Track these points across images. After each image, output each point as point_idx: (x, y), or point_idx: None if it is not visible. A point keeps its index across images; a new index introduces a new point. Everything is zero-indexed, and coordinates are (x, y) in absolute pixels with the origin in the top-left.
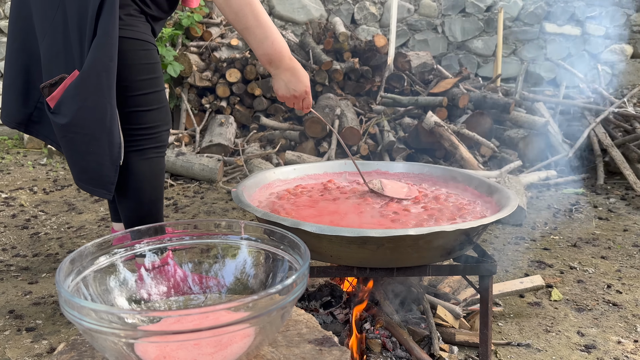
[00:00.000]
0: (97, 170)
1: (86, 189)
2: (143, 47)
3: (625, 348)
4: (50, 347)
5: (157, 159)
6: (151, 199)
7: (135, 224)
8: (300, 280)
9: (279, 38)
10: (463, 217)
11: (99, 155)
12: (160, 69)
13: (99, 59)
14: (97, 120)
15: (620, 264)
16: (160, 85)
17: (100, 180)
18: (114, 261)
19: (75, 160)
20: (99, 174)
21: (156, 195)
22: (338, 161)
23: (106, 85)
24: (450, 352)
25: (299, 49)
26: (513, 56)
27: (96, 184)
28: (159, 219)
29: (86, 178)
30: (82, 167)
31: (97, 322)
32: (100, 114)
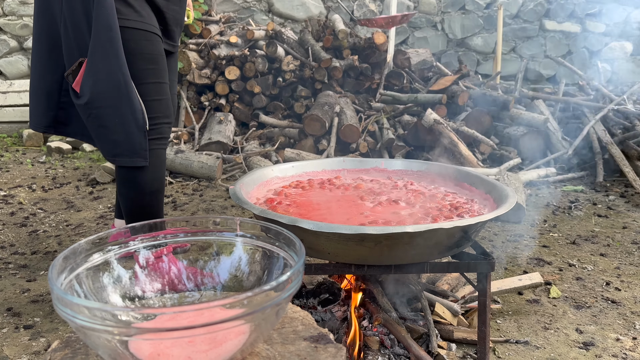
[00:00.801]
0: (128, 140)
1: (123, 162)
2: (146, 37)
3: (624, 345)
4: (47, 344)
5: (158, 151)
6: (151, 190)
7: (135, 214)
8: (295, 277)
9: None
10: (461, 215)
11: (125, 124)
12: (164, 61)
13: (98, 31)
14: (112, 89)
15: (619, 261)
16: (161, 77)
17: (134, 149)
18: (107, 258)
19: (105, 136)
20: (131, 144)
21: (156, 186)
22: (336, 158)
23: (112, 54)
24: (448, 349)
25: (298, 46)
26: (513, 53)
27: (130, 153)
28: (159, 211)
29: (120, 151)
30: (113, 142)
31: (90, 320)
32: (113, 82)
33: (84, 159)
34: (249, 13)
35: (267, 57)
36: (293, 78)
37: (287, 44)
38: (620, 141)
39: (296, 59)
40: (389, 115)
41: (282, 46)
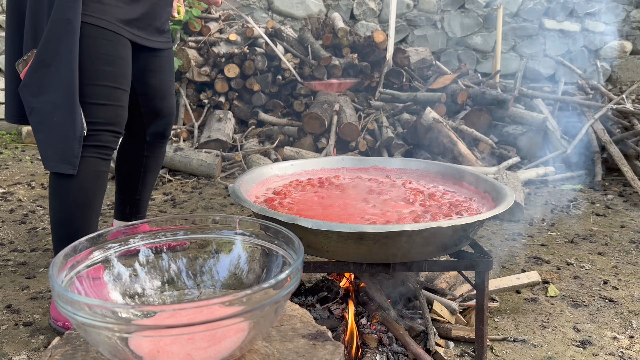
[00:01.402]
0: (62, 143)
1: (49, 166)
2: (107, 37)
3: (621, 344)
4: (47, 341)
5: (93, 160)
6: (77, 202)
7: (55, 228)
8: (293, 275)
9: None
10: (459, 213)
11: (63, 125)
12: (124, 65)
13: (56, 21)
14: (60, 86)
15: (617, 260)
16: (116, 82)
17: (64, 155)
18: (108, 256)
19: (43, 135)
20: (63, 147)
21: (83, 199)
22: (336, 157)
23: (65, 49)
24: (446, 347)
25: (298, 44)
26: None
27: (60, 158)
28: (84, 229)
29: (50, 154)
30: (48, 142)
31: (91, 317)
32: (62, 79)
33: None
34: (249, 11)
35: (266, 55)
36: (292, 76)
37: (286, 41)
38: (618, 140)
39: (296, 56)
40: (388, 114)
41: (282, 44)
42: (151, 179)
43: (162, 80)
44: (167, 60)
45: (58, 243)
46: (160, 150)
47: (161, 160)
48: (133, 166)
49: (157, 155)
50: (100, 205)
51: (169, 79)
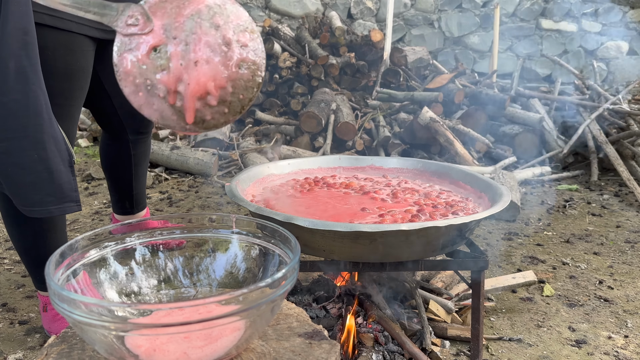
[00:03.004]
0: (52, 181)
1: (48, 212)
2: (67, 43)
3: (616, 343)
4: (42, 340)
5: None
6: (36, 230)
7: (22, 255)
8: (290, 274)
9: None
10: (456, 213)
11: (47, 160)
12: (82, 78)
13: (9, 35)
14: (33, 115)
15: (613, 259)
16: (70, 98)
17: (61, 192)
18: (104, 254)
19: (20, 178)
20: (57, 185)
21: (44, 226)
22: (332, 156)
23: (29, 67)
24: (442, 346)
25: (295, 43)
26: (509, 52)
27: (57, 199)
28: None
29: (41, 197)
30: (32, 185)
31: (87, 315)
32: (34, 106)
33: (79, 154)
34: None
35: None
36: (289, 75)
37: (283, 40)
38: (614, 140)
39: (293, 55)
40: (385, 113)
41: (279, 43)
42: (143, 170)
43: None
44: None
45: (29, 267)
46: (145, 143)
47: (148, 150)
48: (122, 166)
49: (144, 149)
50: (64, 223)
51: None
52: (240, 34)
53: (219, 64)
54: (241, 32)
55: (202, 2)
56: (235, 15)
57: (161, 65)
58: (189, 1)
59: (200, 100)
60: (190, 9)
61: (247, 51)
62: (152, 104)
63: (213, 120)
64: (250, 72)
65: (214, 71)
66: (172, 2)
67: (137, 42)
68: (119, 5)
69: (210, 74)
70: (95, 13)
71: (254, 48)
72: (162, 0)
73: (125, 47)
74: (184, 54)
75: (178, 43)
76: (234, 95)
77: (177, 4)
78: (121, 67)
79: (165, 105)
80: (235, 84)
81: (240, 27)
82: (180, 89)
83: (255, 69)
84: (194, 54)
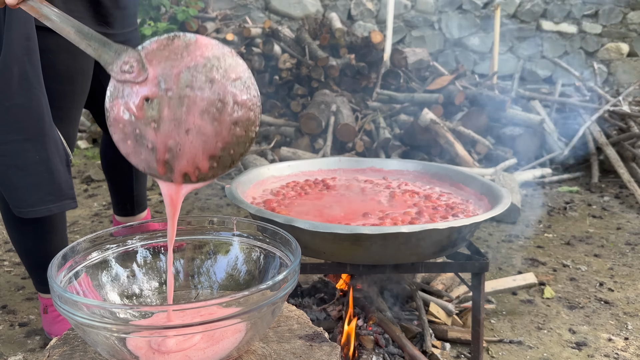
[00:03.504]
0: (52, 181)
1: (46, 210)
2: (68, 47)
3: (616, 345)
4: (43, 342)
5: None
6: (37, 233)
7: (23, 258)
8: (291, 277)
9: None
10: (456, 215)
11: (47, 161)
12: (83, 81)
13: (12, 41)
14: (35, 119)
15: (613, 262)
16: (72, 101)
17: (60, 191)
18: (106, 257)
19: (21, 179)
20: (57, 184)
21: (46, 227)
22: (332, 158)
23: (31, 72)
24: (442, 348)
25: (295, 44)
26: (509, 53)
27: (56, 197)
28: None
29: (41, 196)
30: (33, 185)
31: (90, 317)
32: (36, 109)
33: (79, 156)
34: (246, 10)
35: (263, 55)
36: (289, 76)
37: (283, 41)
38: (615, 142)
39: (293, 57)
40: (386, 115)
41: (279, 44)
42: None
43: None
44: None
45: (30, 269)
46: None
47: None
48: (122, 168)
49: None
50: (65, 225)
51: None
52: (236, 90)
53: (212, 132)
54: (238, 88)
55: (201, 54)
56: (233, 69)
57: (152, 117)
58: (188, 52)
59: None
60: (188, 61)
61: (243, 109)
62: (140, 153)
63: (201, 176)
64: (244, 128)
65: (206, 142)
66: (170, 51)
67: (130, 90)
68: (117, 46)
69: (202, 146)
70: (95, 49)
71: (250, 104)
72: (160, 47)
73: (117, 93)
74: (177, 111)
75: (171, 97)
76: (224, 151)
77: (175, 53)
78: (112, 113)
79: (153, 156)
80: (228, 144)
81: (237, 82)
82: (169, 157)
83: (249, 124)
84: (186, 117)
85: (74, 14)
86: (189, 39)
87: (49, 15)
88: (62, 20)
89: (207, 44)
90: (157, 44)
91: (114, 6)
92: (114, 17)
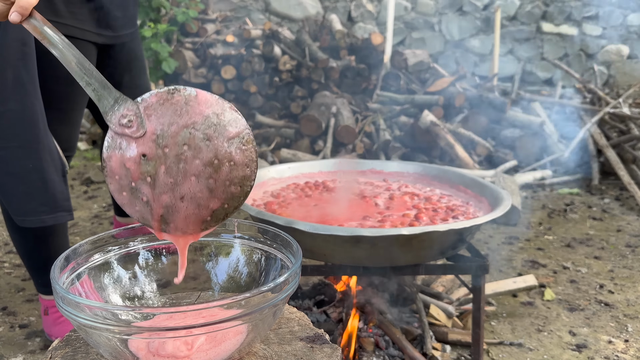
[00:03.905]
0: (46, 190)
1: (40, 221)
2: None
3: (616, 347)
4: (43, 344)
5: None
6: (38, 234)
7: (24, 259)
8: (292, 279)
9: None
10: (456, 217)
11: (41, 170)
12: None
13: (7, 46)
14: (29, 125)
15: (613, 264)
16: (72, 102)
17: (54, 202)
18: (108, 259)
19: (14, 187)
20: (51, 194)
21: (46, 229)
22: (333, 160)
23: (26, 77)
24: (442, 350)
25: (295, 46)
26: (510, 55)
27: (50, 208)
28: (55, 255)
29: (34, 206)
30: (25, 194)
31: (92, 318)
32: (27, 114)
33: (79, 157)
34: (246, 12)
35: (263, 57)
36: (290, 78)
37: (284, 43)
38: (615, 144)
39: (293, 58)
40: (386, 116)
41: (279, 46)
42: None
43: (133, 77)
44: (130, 54)
45: (31, 271)
46: None
47: None
48: None
49: None
50: (66, 227)
51: (141, 72)
52: (233, 148)
53: (207, 194)
54: (235, 147)
55: (200, 112)
56: (231, 126)
57: (148, 173)
58: (187, 108)
59: None
60: (186, 119)
61: (239, 167)
62: (135, 205)
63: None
64: (240, 185)
65: (200, 205)
66: (170, 106)
67: (127, 144)
68: (116, 93)
69: (196, 208)
70: (95, 90)
71: (247, 160)
72: (160, 101)
73: (115, 144)
74: (173, 169)
75: (168, 156)
76: (219, 208)
77: (174, 109)
78: (109, 164)
79: (147, 209)
80: (223, 202)
81: (235, 140)
82: (164, 212)
83: (245, 180)
84: (182, 177)
85: (77, 18)
86: (188, 93)
87: (52, 39)
88: (65, 47)
89: (206, 100)
90: (157, 98)
91: (115, 9)
92: (116, 20)
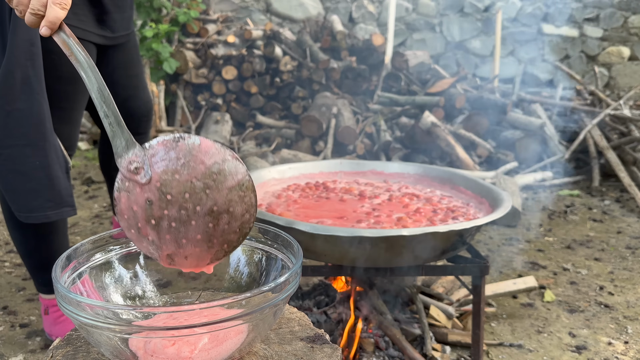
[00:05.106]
0: (52, 187)
1: (45, 217)
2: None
3: (616, 349)
4: (44, 343)
5: None
6: (38, 233)
7: (24, 259)
8: (292, 279)
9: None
10: (457, 218)
11: (47, 167)
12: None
13: (15, 46)
14: (36, 124)
15: (613, 265)
16: (74, 101)
17: (60, 198)
18: (109, 258)
19: (21, 184)
20: (56, 191)
21: (47, 228)
22: (333, 160)
23: (34, 77)
24: (442, 351)
25: (296, 47)
26: (511, 57)
27: (56, 204)
28: (56, 254)
29: (40, 203)
30: (32, 191)
31: (93, 317)
32: (37, 115)
33: (79, 157)
34: (247, 13)
35: (264, 57)
36: (291, 79)
37: (285, 44)
38: (616, 146)
39: (294, 59)
40: (387, 117)
41: (280, 46)
42: None
43: (130, 77)
44: (128, 54)
45: (31, 270)
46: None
47: None
48: None
49: None
50: (66, 227)
51: (138, 73)
52: (234, 196)
53: (208, 238)
54: (235, 194)
55: (202, 161)
56: (232, 175)
57: (152, 216)
58: (190, 157)
59: None
60: (189, 168)
61: (238, 215)
62: (142, 242)
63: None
64: (239, 227)
65: (202, 250)
66: (174, 155)
67: (134, 188)
68: (127, 135)
69: (198, 252)
70: (111, 124)
71: (247, 206)
72: (166, 149)
73: (124, 186)
74: (175, 215)
75: (171, 202)
76: (219, 250)
77: (178, 158)
78: (119, 204)
79: (154, 247)
80: (222, 243)
81: (236, 188)
82: (170, 253)
83: (244, 223)
84: (184, 224)
85: (78, 18)
86: (192, 142)
87: (79, 58)
88: (90, 68)
89: (209, 149)
90: (163, 146)
91: (115, 10)
92: (115, 21)
